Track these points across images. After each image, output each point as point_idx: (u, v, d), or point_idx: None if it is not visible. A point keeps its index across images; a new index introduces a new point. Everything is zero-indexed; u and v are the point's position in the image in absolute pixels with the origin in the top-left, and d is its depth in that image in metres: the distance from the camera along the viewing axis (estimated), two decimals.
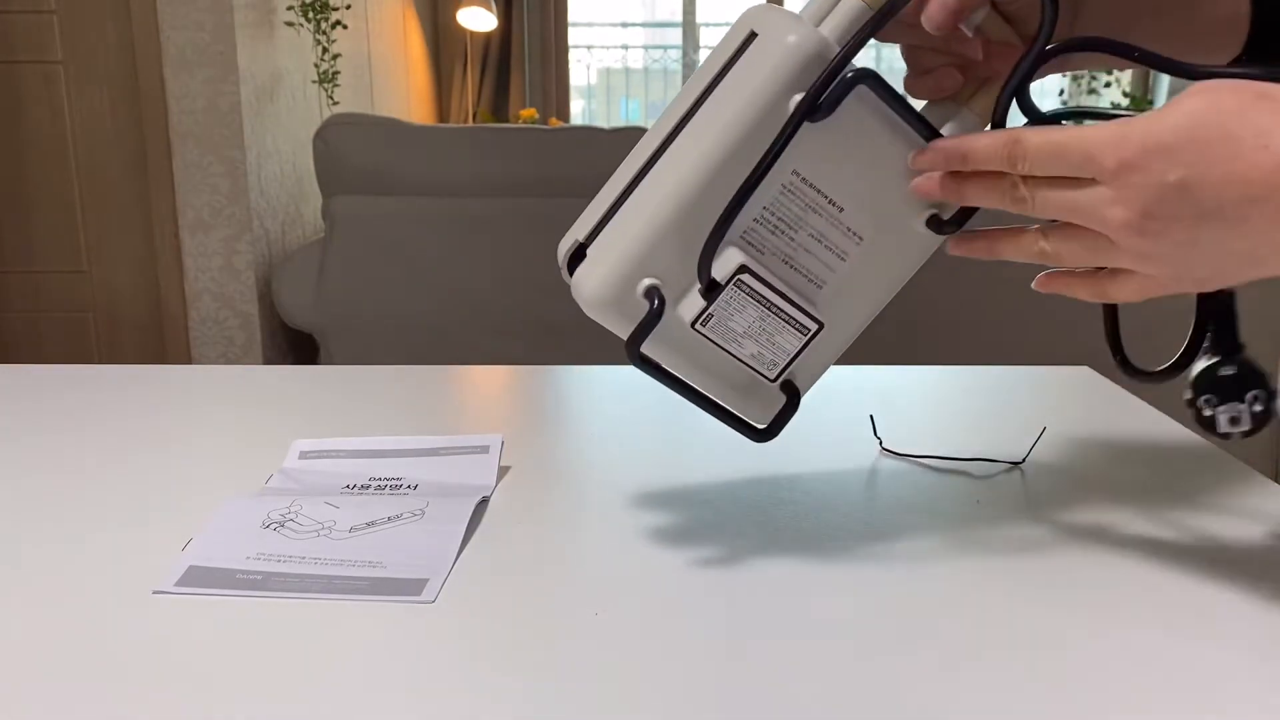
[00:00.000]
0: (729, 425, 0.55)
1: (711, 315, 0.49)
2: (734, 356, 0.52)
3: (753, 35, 0.49)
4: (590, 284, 0.50)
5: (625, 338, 0.50)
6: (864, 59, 0.49)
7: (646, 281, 0.49)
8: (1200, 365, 0.49)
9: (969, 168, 0.49)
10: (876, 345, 0.61)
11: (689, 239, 0.48)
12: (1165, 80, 4.28)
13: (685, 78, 5.27)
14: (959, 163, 0.49)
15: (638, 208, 0.49)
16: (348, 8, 3.16)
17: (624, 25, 6.07)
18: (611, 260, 0.49)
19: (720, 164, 0.48)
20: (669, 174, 0.48)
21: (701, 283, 0.49)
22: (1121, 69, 0.54)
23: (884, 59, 6.05)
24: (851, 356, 0.63)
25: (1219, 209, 0.41)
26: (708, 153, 0.47)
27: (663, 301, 0.49)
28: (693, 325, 0.49)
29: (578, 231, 0.53)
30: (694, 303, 0.49)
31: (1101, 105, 4.43)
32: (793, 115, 0.47)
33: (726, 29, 0.52)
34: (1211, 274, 0.44)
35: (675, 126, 0.50)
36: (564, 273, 0.52)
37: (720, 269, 0.49)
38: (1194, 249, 0.43)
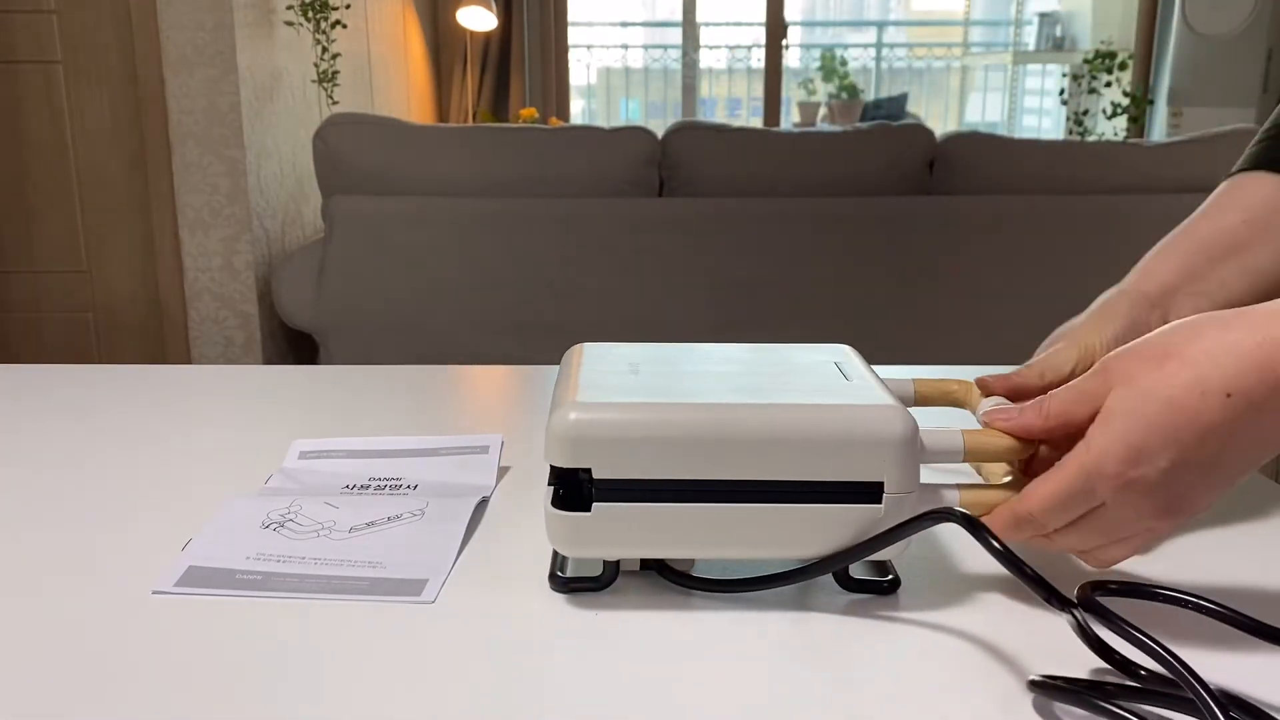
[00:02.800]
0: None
1: None
2: None
3: (879, 492, 0.49)
4: (569, 546, 0.53)
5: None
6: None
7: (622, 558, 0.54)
8: None
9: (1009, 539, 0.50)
10: (877, 345, 0.61)
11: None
12: (1165, 81, 4.28)
13: (685, 77, 5.27)
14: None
15: (682, 527, 0.51)
16: (348, 7, 3.16)
17: (624, 25, 6.07)
18: (603, 550, 0.52)
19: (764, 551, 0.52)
20: (738, 533, 0.51)
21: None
22: None
23: (883, 56, 6.05)
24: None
25: (1215, 460, 0.44)
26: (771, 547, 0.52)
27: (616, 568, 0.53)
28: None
29: (600, 458, 0.50)
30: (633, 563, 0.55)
31: (1102, 103, 4.43)
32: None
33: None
34: (1230, 485, 0.47)
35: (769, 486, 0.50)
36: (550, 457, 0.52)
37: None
38: (1209, 490, 0.46)
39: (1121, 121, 4.42)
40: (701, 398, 0.51)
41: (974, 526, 0.47)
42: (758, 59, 5.00)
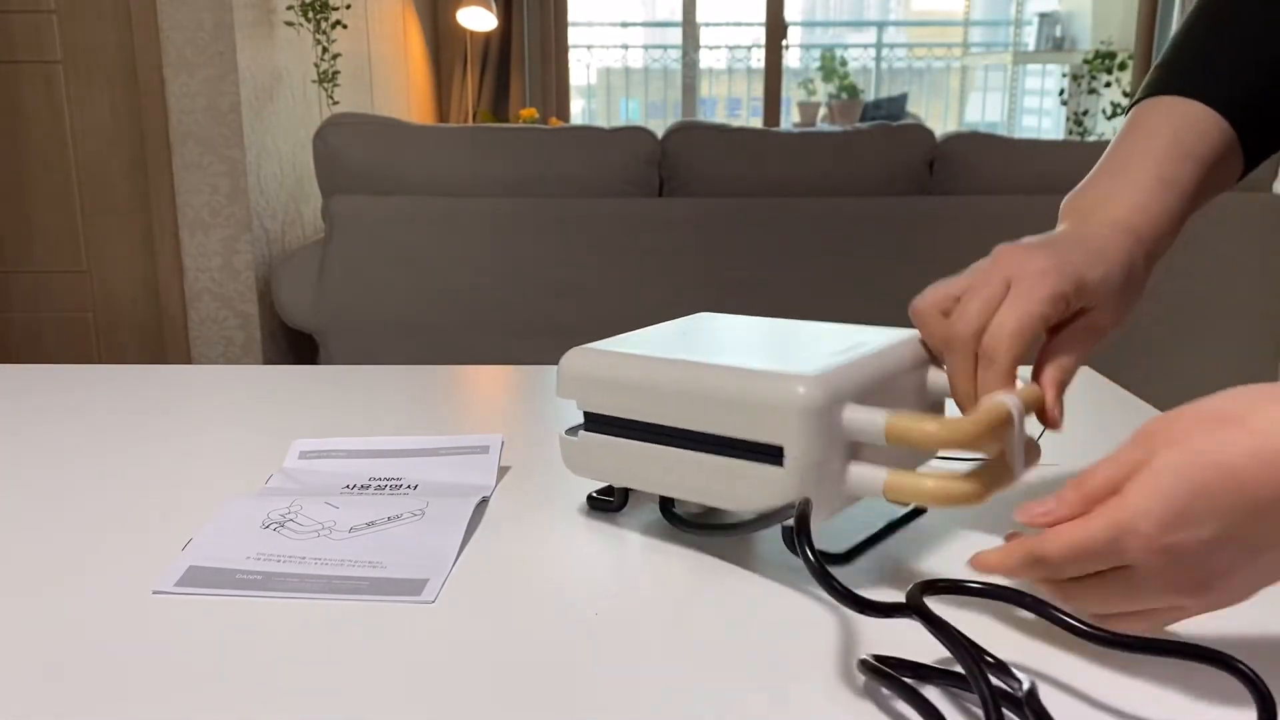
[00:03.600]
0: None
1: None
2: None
3: (780, 455, 0.51)
4: (576, 468, 0.61)
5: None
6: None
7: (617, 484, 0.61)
8: None
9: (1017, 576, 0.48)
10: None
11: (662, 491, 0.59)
12: None
13: (685, 77, 5.27)
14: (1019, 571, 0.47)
15: (641, 460, 0.57)
16: (348, 8, 3.16)
17: (624, 25, 6.07)
18: (589, 470, 0.61)
19: (704, 496, 0.56)
20: (673, 470, 0.56)
21: None
22: None
23: (883, 56, 6.05)
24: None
25: (1267, 540, 0.40)
26: (703, 491, 0.56)
27: (625, 495, 0.62)
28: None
29: (588, 396, 0.59)
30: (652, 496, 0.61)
31: (1102, 103, 4.44)
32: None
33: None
34: (1266, 583, 0.43)
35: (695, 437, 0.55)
36: (560, 390, 0.60)
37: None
38: (1254, 575, 0.42)
39: (1121, 121, 4.41)
40: (670, 354, 0.57)
41: (797, 534, 0.48)
42: (758, 59, 5.00)
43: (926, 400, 0.59)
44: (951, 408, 0.58)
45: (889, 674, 0.43)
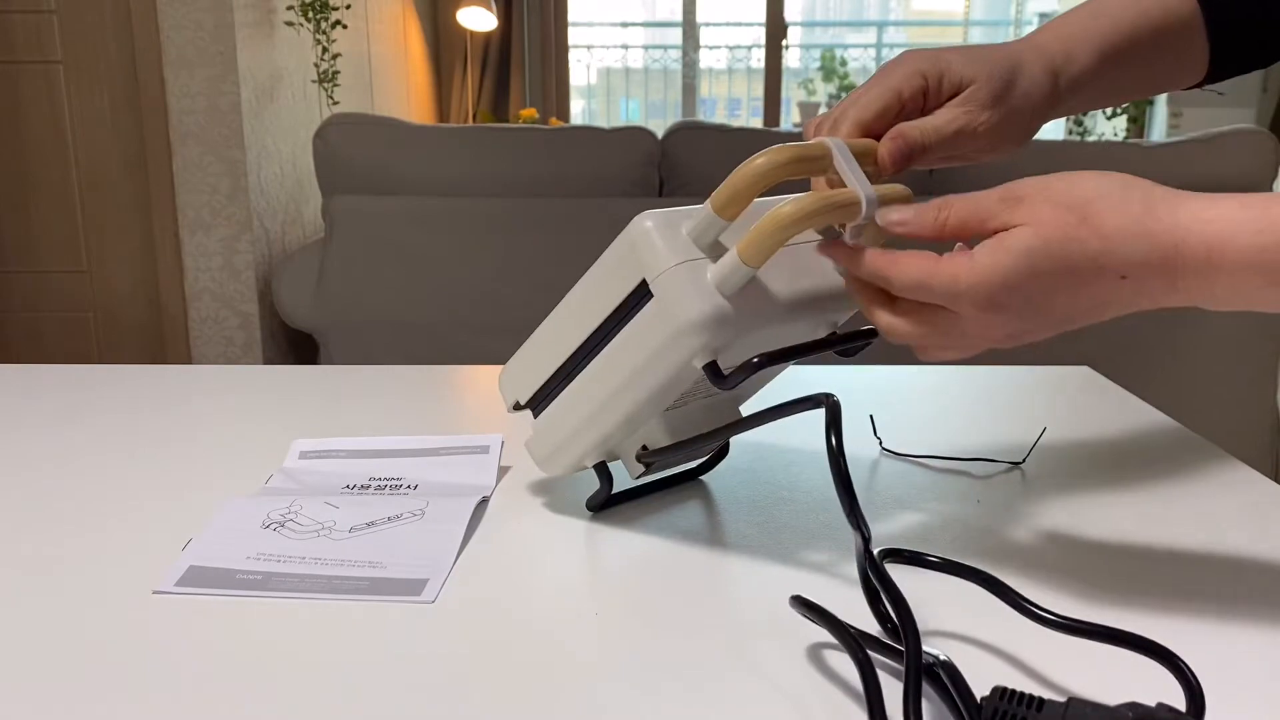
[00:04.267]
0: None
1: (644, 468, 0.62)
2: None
3: (645, 290, 0.52)
4: (545, 464, 0.62)
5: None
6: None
7: (590, 461, 0.61)
8: None
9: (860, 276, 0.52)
10: (877, 345, 0.61)
11: (619, 434, 0.59)
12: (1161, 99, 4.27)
13: (685, 77, 5.27)
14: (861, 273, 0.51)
15: (575, 409, 0.58)
16: (348, 8, 3.16)
17: (624, 25, 6.07)
18: (557, 457, 0.61)
19: (638, 402, 0.56)
20: (596, 395, 0.57)
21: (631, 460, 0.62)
22: None
23: (883, 56, 6.04)
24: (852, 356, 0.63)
25: (1075, 315, 0.46)
26: (625, 392, 0.55)
27: (609, 476, 0.62)
28: (636, 476, 0.63)
29: (517, 389, 0.62)
30: (634, 466, 0.62)
31: None
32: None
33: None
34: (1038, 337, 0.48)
35: (589, 339, 0.57)
36: (506, 404, 0.63)
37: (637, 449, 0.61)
38: (1056, 332, 0.48)
39: (1121, 121, 4.42)
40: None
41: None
42: (758, 59, 5.00)
43: None
44: None
45: (822, 611, 0.45)
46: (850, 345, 0.59)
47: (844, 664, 0.46)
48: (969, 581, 0.48)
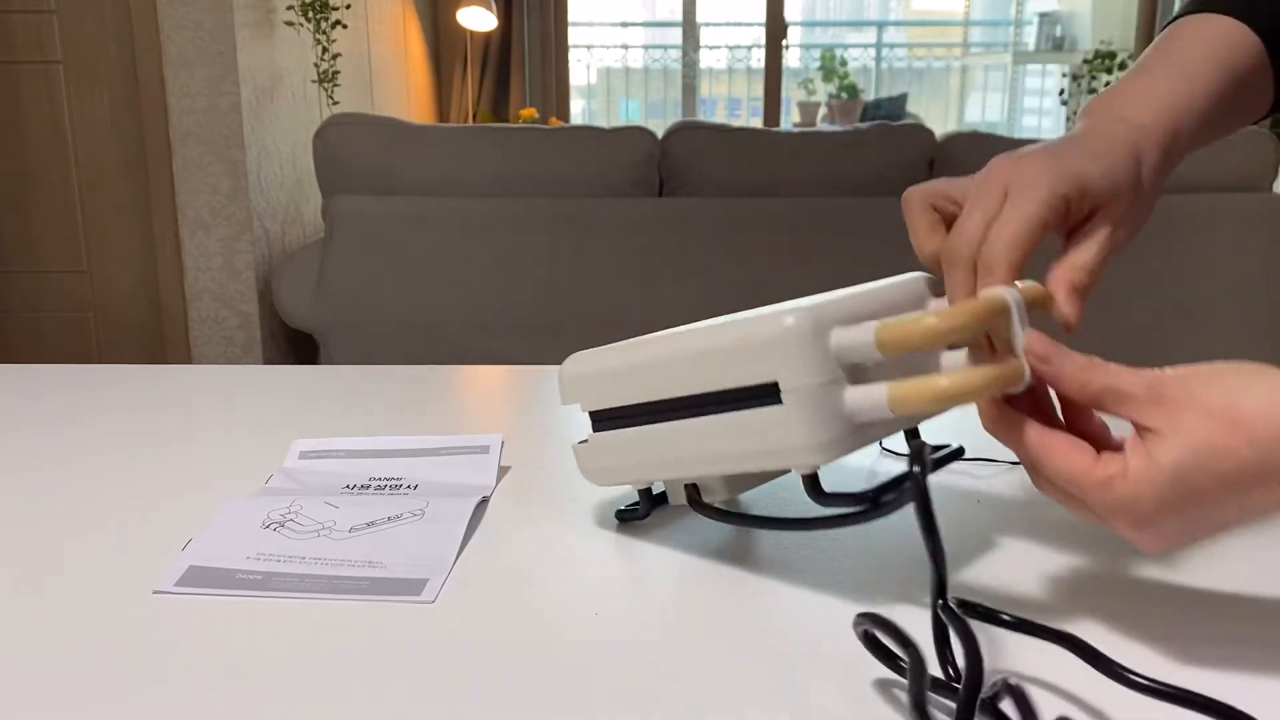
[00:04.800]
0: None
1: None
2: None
3: (775, 391, 0.50)
4: (591, 475, 0.61)
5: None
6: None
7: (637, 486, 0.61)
8: None
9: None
10: None
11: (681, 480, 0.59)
12: None
13: (685, 77, 5.27)
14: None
15: (648, 448, 0.57)
16: (348, 8, 3.16)
17: (624, 25, 6.07)
18: (607, 475, 0.61)
19: (718, 472, 0.56)
20: (678, 450, 0.55)
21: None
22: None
23: (883, 56, 6.05)
24: None
25: (1230, 524, 0.44)
26: (712, 463, 0.55)
27: (650, 500, 0.61)
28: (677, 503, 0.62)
29: (584, 395, 0.59)
30: (679, 496, 0.61)
31: None
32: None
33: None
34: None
35: (688, 400, 0.54)
36: (562, 398, 0.60)
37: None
38: (1208, 538, 0.45)
39: None
40: (662, 336, 0.56)
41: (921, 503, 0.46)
42: (758, 59, 5.00)
43: None
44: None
45: (895, 629, 0.42)
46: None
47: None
48: (1048, 641, 0.46)
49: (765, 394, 0.50)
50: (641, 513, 0.61)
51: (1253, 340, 2.28)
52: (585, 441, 0.60)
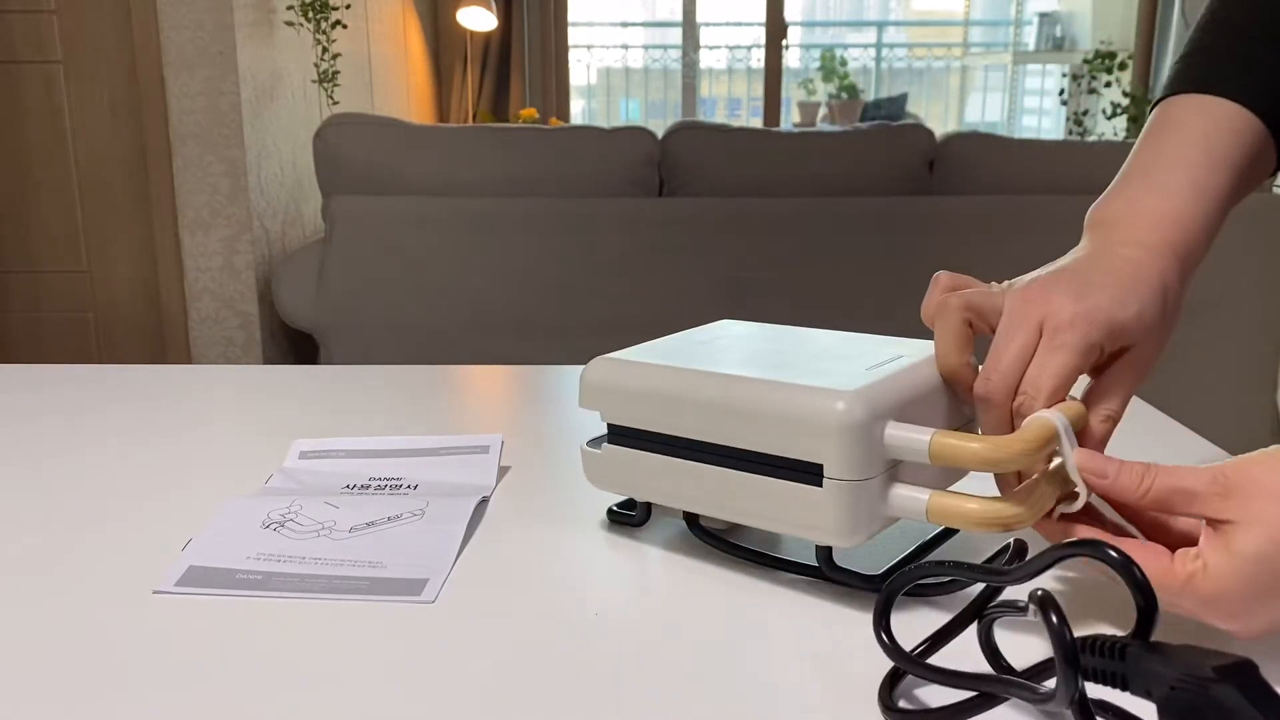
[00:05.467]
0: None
1: None
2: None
3: (820, 470, 0.49)
4: (595, 480, 0.60)
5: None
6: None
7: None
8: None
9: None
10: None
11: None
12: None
13: (685, 77, 5.27)
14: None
15: (669, 478, 0.56)
16: (348, 8, 3.16)
17: (624, 25, 6.07)
18: (610, 483, 0.59)
19: (731, 519, 0.55)
20: (701, 490, 0.55)
21: None
22: None
23: (883, 56, 6.05)
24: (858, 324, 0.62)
25: None
26: (732, 513, 0.54)
27: (649, 513, 0.60)
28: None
29: (608, 406, 0.57)
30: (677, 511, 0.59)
31: (1102, 103, 4.43)
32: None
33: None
34: None
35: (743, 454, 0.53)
36: (581, 400, 0.59)
37: None
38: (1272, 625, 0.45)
39: (1121, 121, 4.42)
40: (699, 365, 0.55)
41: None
42: (758, 59, 5.00)
43: (962, 416, 0.57)
44: None
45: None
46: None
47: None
48: None
49: (808, 471, 0.50)
50: (638, 519, 0.60)
51: (1254, 340, 2.28)
52: (597, 447, 0.58)
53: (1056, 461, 0.51)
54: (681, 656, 0.46)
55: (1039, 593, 0.38)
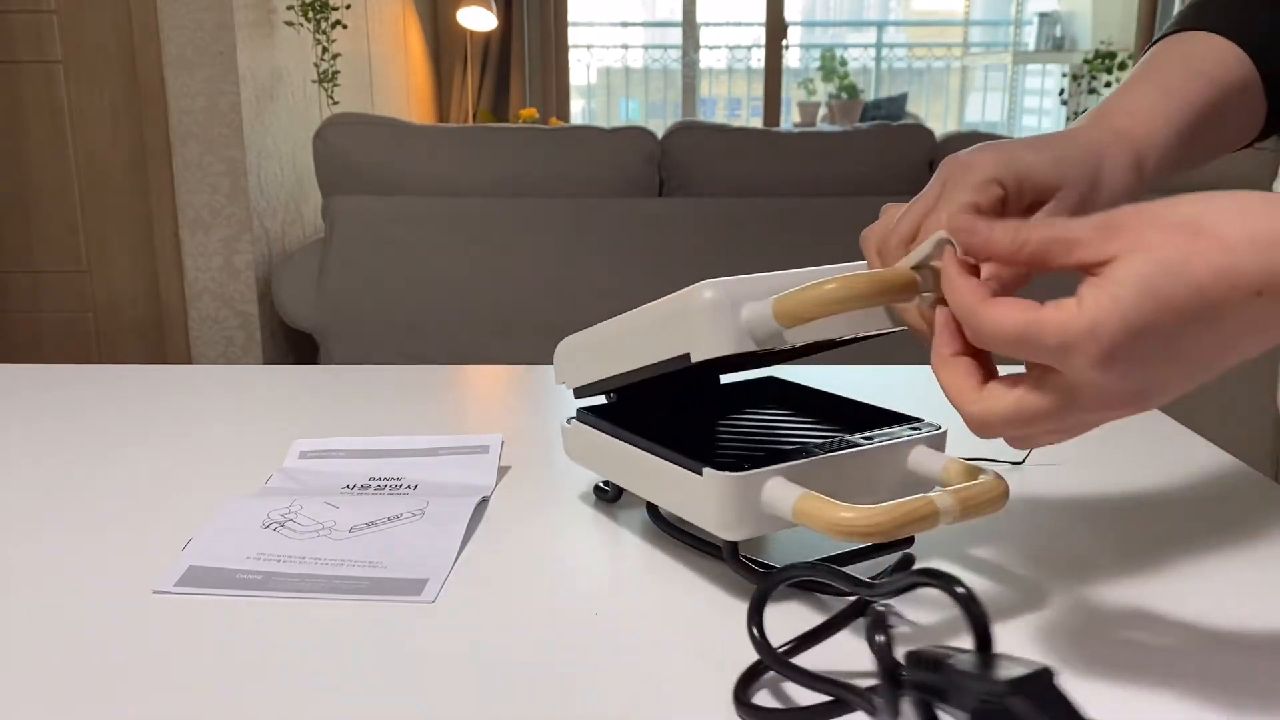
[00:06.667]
0: None
1: None
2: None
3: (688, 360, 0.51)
4: (574, 457, 0.63)
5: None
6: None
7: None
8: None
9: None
10: (877, 345, 0.61)
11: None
12: None
13: (685, 77, 5.27)
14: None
15: (614, 460, 0.59)
16: (348, 8, 3.16)
17: (624, 25, 6.07)
18: (591, 466, 0.62)
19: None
20: (637, 479, 0.57)
21: None
22: None
23: (883, 56, 6.05)
24: (852, 356, 0.63)
25: (1212, 354, 0.39)
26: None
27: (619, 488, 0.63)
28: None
29: (569, 375, 0.62)
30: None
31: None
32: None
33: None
34: (1208, 379, 0.40)
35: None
36: (557, 377, 0.63)
37: None
38: (1189, 384, 0.40)
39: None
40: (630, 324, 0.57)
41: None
42: (758, 59, 5.00)
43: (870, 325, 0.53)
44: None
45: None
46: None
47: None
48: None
49: (682, 363, 0.51)
50: (610, 495, 0.64)
51: None
52: (571, 423, 0.62)
53: (915, 257, 0.46)
54: (682, 657, 0.46)
55: (873, 609, 0.39)
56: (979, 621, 0.38)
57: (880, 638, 0.38)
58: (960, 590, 0.39)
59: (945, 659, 0.37)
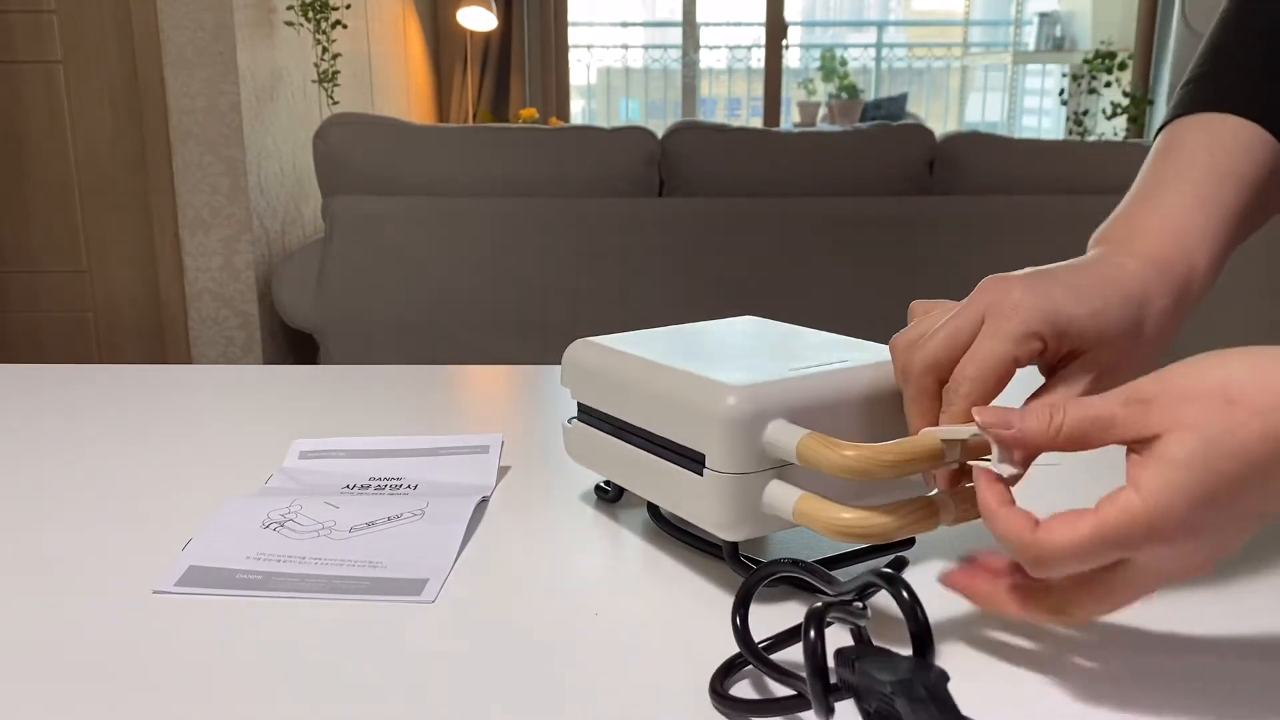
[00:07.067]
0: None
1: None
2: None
3: (702, 461, 0.51)
4: (573, 454, 0.63)
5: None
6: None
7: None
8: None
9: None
10: (873, 331, 0.61)
11: None
12: (1165, 81, 4.28)
13: (685, 77, 5.27)
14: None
15: (610, 453, 0.59)
16: (348, 8, 3.16)
17: (624, 25, 6.07)
18: (581, 456, 0.63)
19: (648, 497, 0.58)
20: (629, 468, 0.58)
21: None
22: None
23: (883, 56, 6.05)
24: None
25: (1263, 509, 0.40)
26: (643, 490, 0.58)
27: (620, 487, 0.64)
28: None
29: (577, 387, 0.61)
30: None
31: (1102, 103, 4.43)
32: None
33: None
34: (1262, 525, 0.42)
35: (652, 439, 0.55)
36: (562, 379, 0.63)
37: None
38: (1247, 535, 0.41)
39: (1121, 121, 4.42)
40: (651, 354, 0.57)
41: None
42: (758, 59, 5.00)
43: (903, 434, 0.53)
44: None
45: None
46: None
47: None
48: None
49: (694, 459, 0.51)
50: (611, 495, 0.64)
51: (1255, 338, 2.28)
52: (572, 422, 0.62)
53: (943, 433, 0.47)
54: (683, 657, 0.46)
55: (815, 606, 0.40)
56: (920, 626, 0.40)
57: (812, 634, 0.39)
58: (904, 594, 0.40)
59: (857, 659, 0.39)
